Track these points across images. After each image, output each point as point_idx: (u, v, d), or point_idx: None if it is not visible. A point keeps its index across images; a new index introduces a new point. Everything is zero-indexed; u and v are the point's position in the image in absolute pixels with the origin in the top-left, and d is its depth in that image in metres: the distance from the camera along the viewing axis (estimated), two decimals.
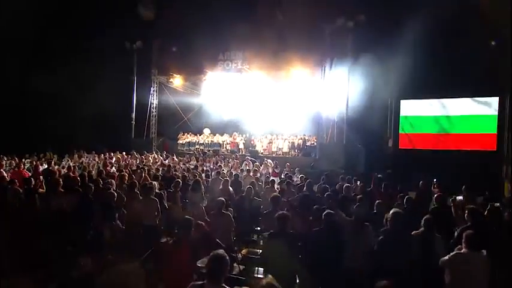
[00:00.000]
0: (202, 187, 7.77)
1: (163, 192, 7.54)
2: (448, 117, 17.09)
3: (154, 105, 22.91)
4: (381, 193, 7.85)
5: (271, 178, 13.78)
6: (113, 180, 7.27)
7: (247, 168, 15.77)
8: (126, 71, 22.46)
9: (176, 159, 17.70)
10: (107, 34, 21.95)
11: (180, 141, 23.15)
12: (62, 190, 7.10)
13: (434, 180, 9.99)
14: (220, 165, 14.28)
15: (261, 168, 15.93)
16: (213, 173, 14.72)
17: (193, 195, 7.34)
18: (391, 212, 4.65)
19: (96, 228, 5.69)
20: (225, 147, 22.92)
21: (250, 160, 17.10)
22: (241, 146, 22.29)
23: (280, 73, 19.90)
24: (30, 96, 21.30)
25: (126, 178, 8.45)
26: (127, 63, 22.26)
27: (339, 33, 18.26)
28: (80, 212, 6.43)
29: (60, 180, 7.51)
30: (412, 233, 4.67)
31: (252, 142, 22.49)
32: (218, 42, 20.31)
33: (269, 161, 16.93)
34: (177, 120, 23.49)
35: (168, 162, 17.20)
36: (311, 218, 5.57)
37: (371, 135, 18.14)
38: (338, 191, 7.70)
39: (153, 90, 22.74)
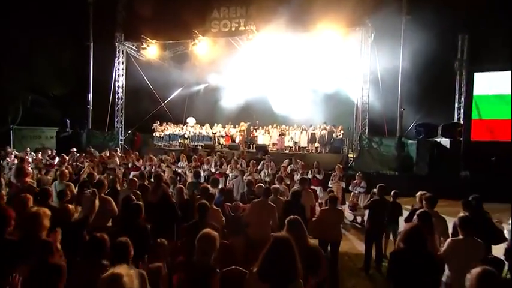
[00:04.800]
0: None
1: None
2: None
3: (121, 83, 17.31)
4: None
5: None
6: None
7: (270, 172, 10.11)
8: (78, 35, 16.29)
9: (156, 161, 11.68)
10: None
11: (156, 134, 17.73)
12: None
13: None
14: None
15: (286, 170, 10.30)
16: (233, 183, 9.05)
17: None
18: None
19: None
20: (218, 141, 17.22)
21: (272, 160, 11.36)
22: (239, 139, 16.61)
23: (300, 37, 14.74)
24: None
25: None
26: (79, 24, 16.06)
27: None
28: None
29: None
30: None
31: (252, 134, 16.76)
32: None
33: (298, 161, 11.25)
34: (152, 106, 17.91)
35: (143, 164, 11.24)
36: None
37: (433, 122, 13.02)
38: None
39: (119, 63, 17.06)
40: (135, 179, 6.77)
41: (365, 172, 12.22)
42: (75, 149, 12.24)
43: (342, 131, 15.48)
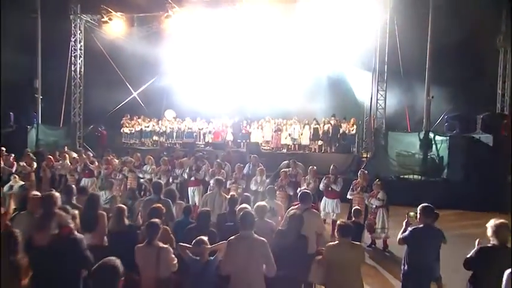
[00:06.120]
0: None
1: None
2: None
3: (78, 67, 14.62)
4: None
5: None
6: None
7: (264, 179, 7.47)
8: (23, 6, 13.23)
9: (116, 163, 9.14)
10: None
11: (125, 130, 15.27)
12: None
13: None
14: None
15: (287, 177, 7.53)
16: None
17: None
18: None
19: None
20: (204, 139, 14.84)
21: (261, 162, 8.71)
22: (229, 136, 14.12)
23: (300, 7, 11.97)
24: None
25: None
26: None
27: None
28: None
29: None
30: None
31: (244, 130, 14.11)
32: None
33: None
34: (120, 96, 15.30)
35: (99, 168, 8.88)
36: None
37: (469, 113, 10.55)
38: None
39: (75, 42, 14.41)
40: (36, 194, 3.96)
41: (380, 176, 9.82)
42: (4, 149, 9.31)
43: (354, 126, 12.84)
